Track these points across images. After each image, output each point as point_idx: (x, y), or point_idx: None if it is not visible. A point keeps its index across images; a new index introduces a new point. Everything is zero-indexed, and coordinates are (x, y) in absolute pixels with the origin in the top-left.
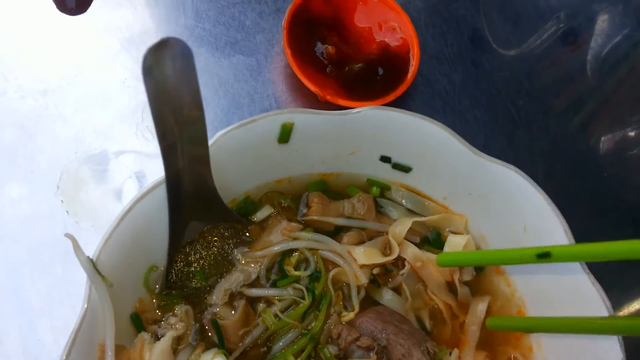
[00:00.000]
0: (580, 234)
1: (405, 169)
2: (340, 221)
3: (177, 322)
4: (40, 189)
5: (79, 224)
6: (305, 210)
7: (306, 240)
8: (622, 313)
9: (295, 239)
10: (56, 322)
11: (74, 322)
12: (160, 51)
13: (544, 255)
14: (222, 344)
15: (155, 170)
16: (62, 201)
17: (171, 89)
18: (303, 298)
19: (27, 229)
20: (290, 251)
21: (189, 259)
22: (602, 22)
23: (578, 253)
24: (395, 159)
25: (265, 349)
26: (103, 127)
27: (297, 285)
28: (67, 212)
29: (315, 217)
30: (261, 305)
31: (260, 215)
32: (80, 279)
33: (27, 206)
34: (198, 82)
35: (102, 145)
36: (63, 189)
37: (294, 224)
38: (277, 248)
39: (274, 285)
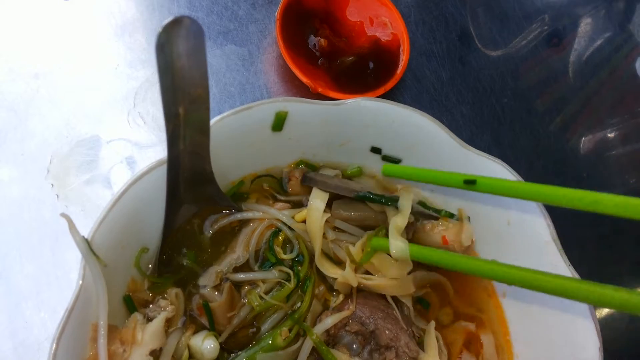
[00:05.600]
0: (559, 230)
1: (395, 161)
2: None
3: (167, 305)
4: (30, 173)
5: (68, 208)
6: (287, 185)
7: (252, 211)
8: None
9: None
10: (44, 306)
11: (61, 305)
12: (174, 29)
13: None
14: (212, 326)
15: (146, 156)
16: (52, 185)
17: (181, 67)
18: (288, 280)
19: (16, 212)
20: (277, 232)
21: (182, 241)
22: (585, 25)
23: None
24: (386, 150)
25: (254, 329)
26: (94, 113)
27: (283, 268)
28: (57, 195)
29: (283, 199)
30: (246, 288)
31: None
32: (68, 262)
33: (16, 189)
34: (207, 63)
35: (93, 131)
36: (53, 172)
37: (280, 203)
38: (238, 216)
39: (262, 266)
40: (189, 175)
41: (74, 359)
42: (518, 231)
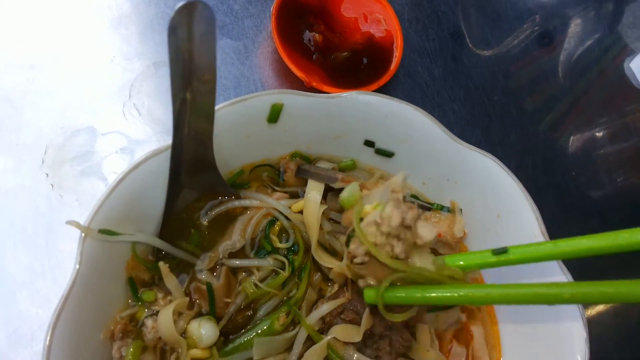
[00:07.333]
0: (548, 226)
1: (388, 154)
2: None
3: (167, 296)
4: (25, 162)
5: (63, 198)
6: (283, 176)
7: (249, 199)
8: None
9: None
10: (38, 295)
11: (55, 294)
12: (186, 13)
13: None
14: (212, 310)
15: (141, 148)
16: (47, 175)
17: (191, 51)
18: (283, 268)
19: (11, 201)
20: (273, 221)
21: (181, 226)
22: (575, 26)
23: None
24: (379, 144)
25: (250, 312)
26: (90, 104)
27: (278, 257)
28: (52, 185)
29: (279, 189)
30: (243, 274)
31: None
32: (62, 252)
33: (11, 178)
34: (216, 48)
35: (89, 121)
36: (48, 163)
37: (278, 193)
38: (236, 203)
39: (258, 254)
40: (191, 161)
41: (70, 346)
42: (507, 224)
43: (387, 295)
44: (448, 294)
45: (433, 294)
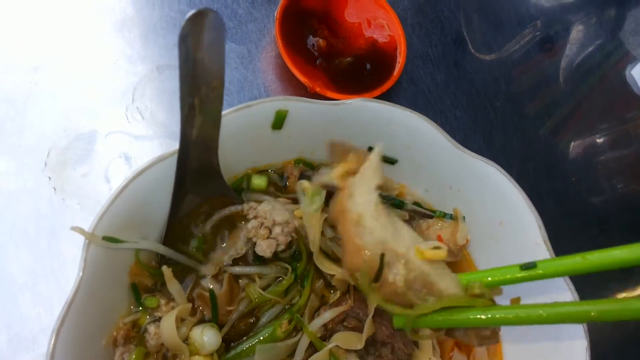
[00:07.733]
0: (549, 232)
1: (391, 161)
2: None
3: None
4: (28, 165)
5: (65, 202)
6: (286, 182)
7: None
8: None
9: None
10: (40, 298)
11: (57, 298)
12: (197, 21)
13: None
14: (215, 317)
15: (144, 152)
16: (49, 178)
17: (201, 58)
18: (286, 275)
19: (13, 204)
20: None
21: (184, 232)
22: (577, 31)
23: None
24: (383, 150)
25: (253, 318)
26: (93, 107)
27: (281, 264)
28: (54, 189)
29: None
30: (245, 281)
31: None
32: (64, 255)
33: (13, 181)
34: (224, 56)
35: (92, 125)
36: (50, 166)
37: (281, 199)
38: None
39: (258, 261)
40: (196, 166)
41: (72, 352)
42: (510, 232)
43: (416, 321)
44: (482, 317)
45: (467, 317)
